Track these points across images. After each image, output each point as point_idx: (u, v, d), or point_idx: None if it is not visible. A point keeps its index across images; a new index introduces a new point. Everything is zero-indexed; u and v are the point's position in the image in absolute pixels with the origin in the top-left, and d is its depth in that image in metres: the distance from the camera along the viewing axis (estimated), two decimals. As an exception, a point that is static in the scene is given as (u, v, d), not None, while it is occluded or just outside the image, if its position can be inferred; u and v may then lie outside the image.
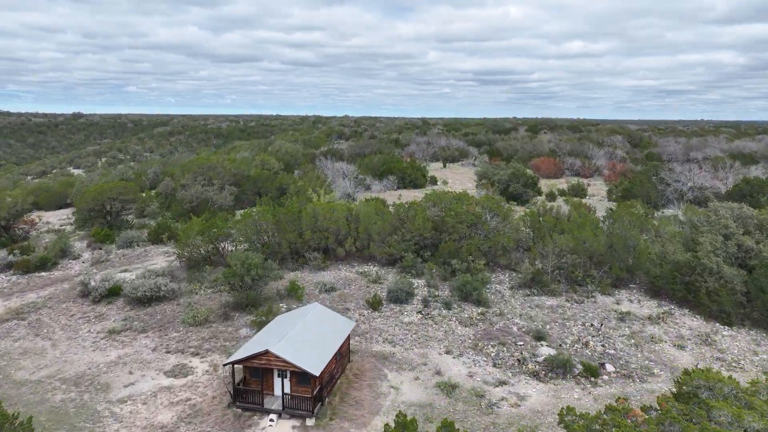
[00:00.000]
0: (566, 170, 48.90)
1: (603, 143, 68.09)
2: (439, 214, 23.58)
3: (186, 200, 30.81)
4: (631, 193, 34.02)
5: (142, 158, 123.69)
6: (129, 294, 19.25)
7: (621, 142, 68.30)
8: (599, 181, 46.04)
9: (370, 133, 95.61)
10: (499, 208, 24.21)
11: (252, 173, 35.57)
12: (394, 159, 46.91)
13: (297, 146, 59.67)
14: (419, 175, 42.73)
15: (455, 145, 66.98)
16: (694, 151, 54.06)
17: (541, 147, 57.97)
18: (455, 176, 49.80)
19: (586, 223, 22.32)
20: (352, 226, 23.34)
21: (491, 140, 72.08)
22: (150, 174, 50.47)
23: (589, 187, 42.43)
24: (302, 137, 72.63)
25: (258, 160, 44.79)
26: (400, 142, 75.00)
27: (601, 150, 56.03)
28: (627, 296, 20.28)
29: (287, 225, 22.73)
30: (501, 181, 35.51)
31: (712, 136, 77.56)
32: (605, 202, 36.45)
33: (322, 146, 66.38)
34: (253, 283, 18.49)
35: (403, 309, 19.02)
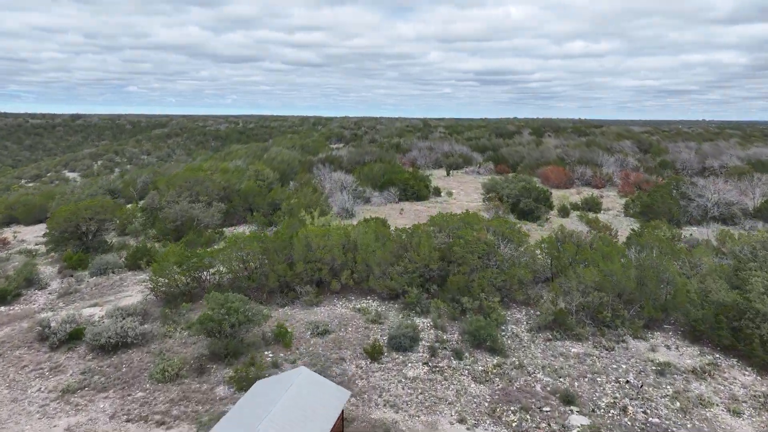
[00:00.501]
0: (576, 180, 46.23)
1: (612, 149, 65.45)
2: (446, 241, 20.95)
3: (169, 219, 28.16)
4: (651, 209, 31.36)
5: (138, 161, 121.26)
6: (91, 341, 16.62)
7: (630, 147, 65.65)
8: (612, 192, 43.37)
9: (370, 136, 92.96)
10: (513, 233, 21.56)
11: (243, 187, 32.91)
12: (395, 168, 44.27)
13: (294, 153, 57.01)
14: (422, 186, 40.09)
15: (458, 150, 64.31)
16: (709, 158, 51.38)
17: (548, 154, 55.30)
18: (460, 186, 47.17)
19: (613, 253, 19.65)
20: (349, 255, 20.69)
21: (495, 145, 69.42)
22: (139, 184, 47.84)
23: (602, 199, 39.77)
24: (300, 142, 70.04)
25: (252, 170, 42.13)
26: (402, 147, 72.39)
27: (612, 157, 53.33)
28: (663, 340, 17.66)
29: (276, 255, 20.09)
30: (510, 196, 32.85)
31: (722, 141, 74.84)
32: (622, 218, 33.78)
33: (320, 152, 63.76)
34: (233, 331, 15.85)
35: (407, 358, 16.40)
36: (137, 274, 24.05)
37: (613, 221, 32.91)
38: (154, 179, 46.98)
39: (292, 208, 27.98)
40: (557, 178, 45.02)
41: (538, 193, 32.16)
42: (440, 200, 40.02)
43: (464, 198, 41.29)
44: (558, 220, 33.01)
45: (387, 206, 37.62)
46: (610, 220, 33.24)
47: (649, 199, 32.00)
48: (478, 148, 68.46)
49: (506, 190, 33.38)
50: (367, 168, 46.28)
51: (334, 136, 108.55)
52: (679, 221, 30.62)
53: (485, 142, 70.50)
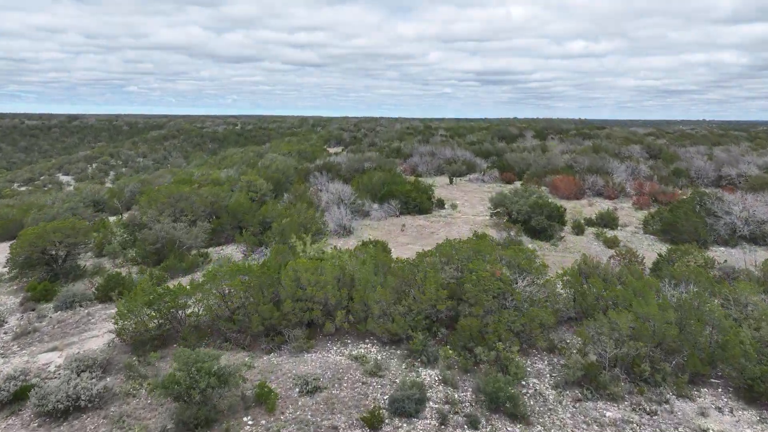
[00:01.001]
0: (587, 190, 43.53)
1: (620, 154, 62.72)
2: (456, 275, 18.28)
3: (149, 241, 25.47)
4: (674, 228, 28.67)
5: (134, 164, 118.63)
6: (37, 405, 13.95)
7: (639, 152, 62.92)
8: (626, 203, 40.66)
9: (369, 139, 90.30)
10: (530, 264, 18.87)
11: (231, 202, 30.19)
12: (395, 179, 41.56)
13: (290, 160, 54.30)
14: (424, 198, 37.37)
15: (461, 156, 61.56)
16: (725, 166, 48.68)
17: (556, 161, 52.59)
18: (464, 196, 44.47)
19: (647, 290, 16.97)
20: (344, 291, 18.00)
21: (499, 150, 66.71)
22: (126, 194, 45.15)
23: (617, 212, 37.07)
24: (297, 147, 67.34)
25: (244, 182, 39.43)
26: (402, 152, 69.68)
27: (622, 164, 50.62)
28: (712, 400, 15.02)
29: (260, 293, 17.40)
30: (521, 212, 30.15)
31: (733, 145, 72.12)
32: (642, 236, 31.08)
33: (318, 158, 61.06)
34: (204, 397, 13.18)
35: (413, 427, 13.78)
36: (108, 307, 21.37)
37: (632, 240, 30.23)
38: (142, 189, 44.30)
39: (283, 229, 25.26)
40: (567, 189, 42.31)
41: (551, 209, 29.44)
42: (444, 213, 37.32)
43: (469, 210, 38.60)
44: (572, 238, 30.33)
45: (387, 221, 34.93)
46: (629, 238, 30.56)
47: (672, 216, 29.29)
48: (481, 153, 65.75)
49: (516, 205, 30.66)
50: (366, 177, 43.58)
51: (333, 139, 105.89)
52: (706, 241, 27.92)
53: (489, 147, 67.78)
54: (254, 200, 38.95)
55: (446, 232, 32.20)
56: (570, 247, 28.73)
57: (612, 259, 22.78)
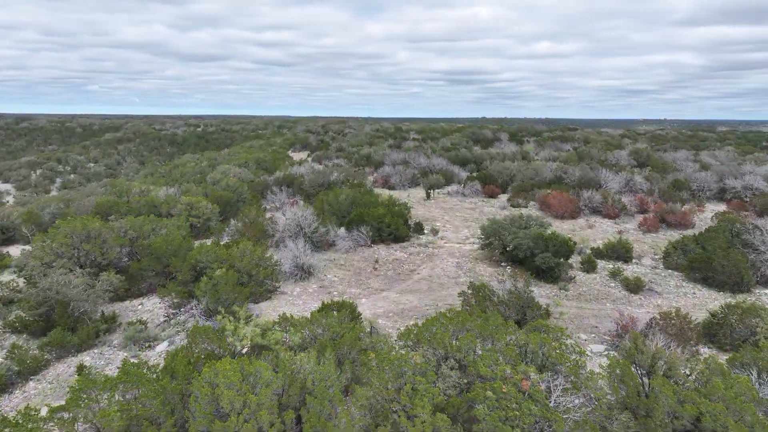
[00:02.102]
0: (583, 207, 38.00)
1: (607, 161, 57.79)
2: (458, 383, 12.10)
3: (31, 303, 18.50)
4: (707, 265, 23.12)
5: (84, 170, 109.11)
6: None
7: (626, 159, 58.10)
8: (630, 224, 35.22)
9: (337, 144, 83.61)
10: (562, 358, 12.82)
11: (156, 240, 23.28)
12: (366, 197, 35.19)
13: (245, 173, 47.34)
14: (400, 223, 31.11)
15: (437, 164, 55.62)
16: (728, 177, 43.92)
17: (543, 172, 47.06)
18: (445, 215, 38.42)
19: (747, 407, 11.08)
20: (289, 415, 11.58)
21: (477, 157, 60.99)
22: (46, 216, 37.60)
23: (620, 235, 31.56)
24: (256, 155, 60.24)
25: (184, 204, 32.48)
26: (373, 160, 63.39)
27: (616, 175, 45.39)
28: None
29: (155, 428, 10.84)
30: (522, 247, 24.17)
31: (718, 151, 68.12)
32: (664, 273, 25.43)
33: (279, 168, 54.18)
34: None
35: None
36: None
37: (655, 278, 24.60)
38: (64, 212, 36.89)
39: (216, 284, 18.65)
40: (562, 207, 36.67)
41: (559, 243, 23.52)
42: (424, 241, 31.15)
43: (453, 235, 32.53)
44: (583, 278, 24.52)
45: (357, 253, 28.54)
46: (649, 275, 24.92)
47: (704, 251, 23.71)
48: (458, 161, 59.93)
49: (515, 237, 24.67)
50: (332, 195, 37.09)
51: (299, 143, 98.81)
52: (748, 284, 22.43)
53: (466, 154, 62.01)
54: (196, 227, 32.10)
55: (428, 269, 26.05)
56: (584, 292, 22.88)
57: (655, 325, 16.95)
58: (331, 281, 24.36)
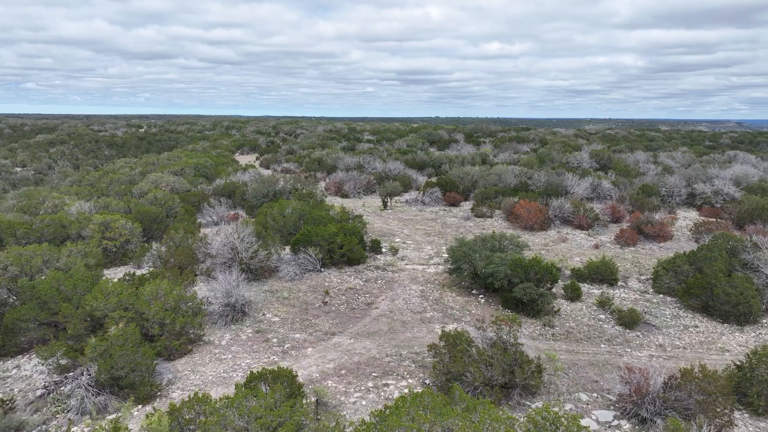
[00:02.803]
0: (554, 217, 34.72)
1: (568, 164, 55.28)
2: None
3: None
4: (706, 291, 19.92)
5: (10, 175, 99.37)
6: None
7: (588, 162, 55.71)
8: (605, 236, 32.12)
9: (288, 146, 78.37)
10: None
11: (43, 280, 18.09)
12: (316, 212, 30.68)
13: (180, 182, 41.88)
14: (355, 243, 26.78)
15: (394, 169, 51.61)
16: (695, 181, 41.75)
17: (507, 178, 43.70)
18: (405, 228, 34.32)
19: None
20: None
21: (436, 160, 57.30)
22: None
23: (597, 250, 28.36)
24: (197, 160, 54.52)
25: (97, 224, 27.11)
26: (325, 163, 58.80)
27: (582, 180, 42.59)
28: None
29: None
30: (498, 275, 20.30)
31: (678, 152, 67.00)
32: (656, 300, 22.07)
33: (221, 174, 48.81)
34: None
35: None
36: None
37: (647, 306, 21.25)
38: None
39: (109, 347, 13.85)
40: (531, 218, 33.26)
41: (541, 270, 19.83)
42: (382, 263, 26.99)
43: (415, 255, 28.51)
44: (567, 308, 20.91)
45: (303, 282, 24.07)
46: (640, 302, 21.57)
47: (702, 277, 20.52)
48: (416, 165, 56.13)
49: (489, 264, 20.82)
50: (277, 208, 32.50)
51: (248, 145, 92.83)
52: (757, 313, 19.31)
53: (424, 157, 58.27)
54: (112, 251, 26.87)
55: (388, 301, 21.88)
56: (572, 329, 19.22)
57: (675, 386, 13.32)
58: (271, 322, 19.83)
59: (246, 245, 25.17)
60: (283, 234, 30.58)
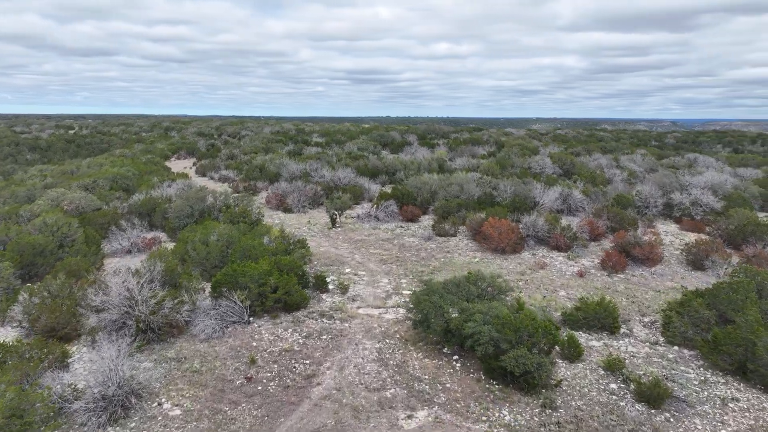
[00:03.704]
0: (527, 236, 30.02)
1: (531, 170, 51.20)
2: None
3: None
4: (738, 346, 15.44)
5: None
6: None
7: (551, 167, 51.79)
8: (588, 260, 27.61)
9: (228, 150, 71.19)
10: None
11: None
12: (246, 242, 24.64)
13: (89, 198, 34.72)
14: (293, 283, 20.99)
15: (344, 177, 45.92)
16: (670, 190, 38.14)
17: (469, 187, 38.82)
18: (356, 254, 28.71)
19: None
20: None
21: (390, 167, 51.95)
22: None
23: (583, 279, 23.75)
24: (117, 170, 46.96)
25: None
26: (267, 172, 52.47)
27: (549, 189, 38.27)
28: None
29: None
30: (481, 339, 15.05)
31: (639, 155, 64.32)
32: (676, 360, 17.36)
33: (143, 186, 41.73)
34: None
35: None
36: None
37: (665, 367, 16.57)
38: None
39: None
40: (502, 239, 28.42)
41: (538, 331, 14.74)
42: (328, 307, 21.39)
43: (369, 293, 23.04)
44: (567, 375, 15.94)
45: (224, 341, 18.19)
46: (658, 362, 16.87)
47: (732, 330, 15.99)
48: (368, 172, 50.65)
49: (468, 319, 15.61)
50: (200, 233, 26.41)
51: (186, 148, 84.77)
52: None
53: (376, 163, 52.85)
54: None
55: (335, 372, 16.30)
56: (581, 412, 14.21)
57: None
58: (168, 419, 13.87)
59: (148, 293, 18.98)
60: (206, 268, 24.50)
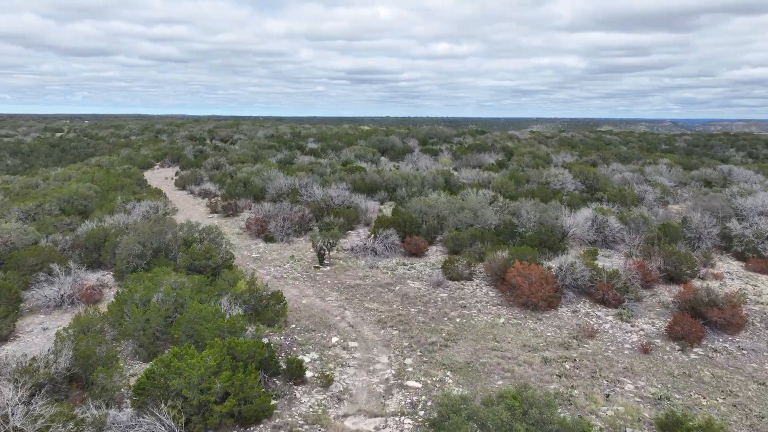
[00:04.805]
0: (563, 287, 23.45)
1: (549, 185, 44.70)
2: None
3: None
4: None
5: None
6: None
7: (572, 182, 45.24)
8: (645, 321, 21.04)
9: (214, 159, 64.47)
10: None
11: None
12: (196, 309, 18.06)
13: (25, 229, 28.16)
14: (250, 382, 14.44)
15: (337, 197, 39.31)
16: (729, 219, 31.59)
17: (483, 212, 32.23)
18: (348, 311, 22.12)
19: None
20: None
21: (389, 182, 45.35)
22: None
23: (647, 359, 17.29)
24: (75, 188, 40.38)
25: None
26: (253, 187, 45.90)
27: (577, 212, 31.75)
28: None
29: None
30: None
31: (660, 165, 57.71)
32: None
33: (103, 210, 35.14)
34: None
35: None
36: None
37: None
38: None
39: None
40: (534, 291, 21.88)
41: None
42: (301, 419, 14.87)
43: (364, 385, 16.64)
44: None
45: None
46: None
47: None
48: (365, 188, 44.13)
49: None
50: (144, 286, 19.92)
51: (171, 155, 78.06)
52: None
53: (375, 177, 46.28)
54: None
55: None
56: None
57: None
58: None
59: (33, 413, 12.47)
60: (142, 343, 18.02)
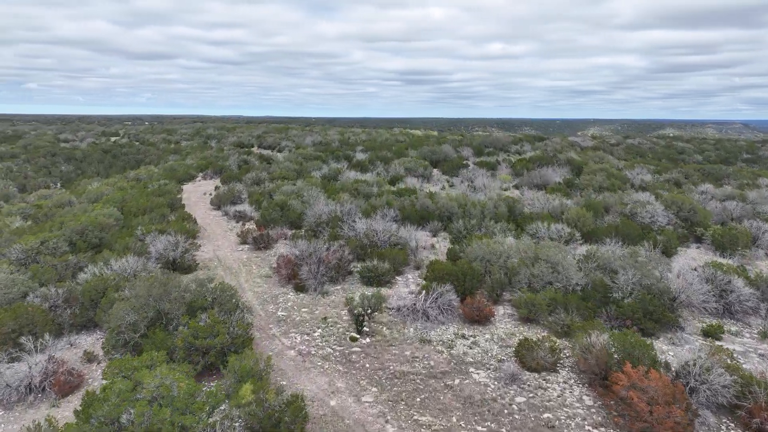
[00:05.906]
0: (696, 405, 16.38)
1: (635, 217, 36.97)
2: None
3: None
4: None
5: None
6: None
7: (663, 215, 37.10)
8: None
9: (255, 174, 59.85)
10: None
11: None
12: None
13: (19, 280, 23.72)
14: None
15: (382, 231, 33.21)
16: None
17: (567, 270, 25.18)
18: (388, 425, 16.16)
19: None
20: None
21: (444, 210, 38.86)
22: None
23: None
24: (96, 214, 36.25)
25: None
26: (291, 212, 40.54)
27: (688, 274, 24.31)
28: None
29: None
30: None
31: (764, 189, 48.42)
32: None
33: (120, 243, 30.62)
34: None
35: None
36: None
37: None
38: None
39: None
40: (657, 414, 14.95)
41: None
42: None
43: None
44: None
45: None
46: None
47: None
48: (415, 216, 37.90)
49: None
50: (117, 394, 14.26)
51: (212, 167, 74.40)
52: None
53: (427, 203, 39.91)
54: None
55: None
56: None
57: None
58: None
59: None
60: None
